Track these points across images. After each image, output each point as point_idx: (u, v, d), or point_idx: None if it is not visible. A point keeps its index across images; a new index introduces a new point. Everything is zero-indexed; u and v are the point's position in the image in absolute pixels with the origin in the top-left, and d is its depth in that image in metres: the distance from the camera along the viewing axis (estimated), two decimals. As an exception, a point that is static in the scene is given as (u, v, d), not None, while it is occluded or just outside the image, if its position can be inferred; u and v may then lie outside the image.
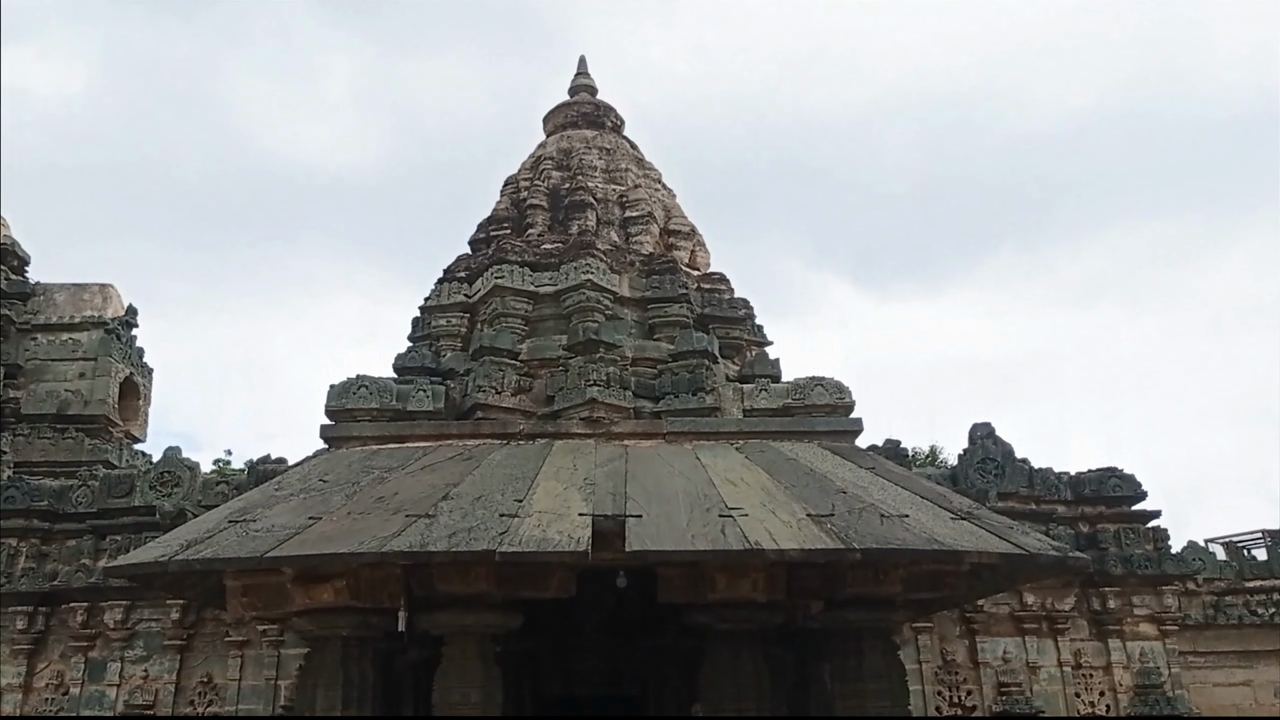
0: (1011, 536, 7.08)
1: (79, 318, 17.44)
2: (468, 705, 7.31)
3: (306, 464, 8.48)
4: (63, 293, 17.83)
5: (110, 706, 10.64)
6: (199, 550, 6.61)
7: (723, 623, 7.68)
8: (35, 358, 16.77)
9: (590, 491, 7.44)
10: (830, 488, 7.59)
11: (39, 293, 17.56)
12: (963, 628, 11.59)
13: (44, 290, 17.67)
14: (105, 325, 17.20)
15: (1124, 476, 12.33)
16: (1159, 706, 11.31)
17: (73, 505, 11.49)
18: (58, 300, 17.69)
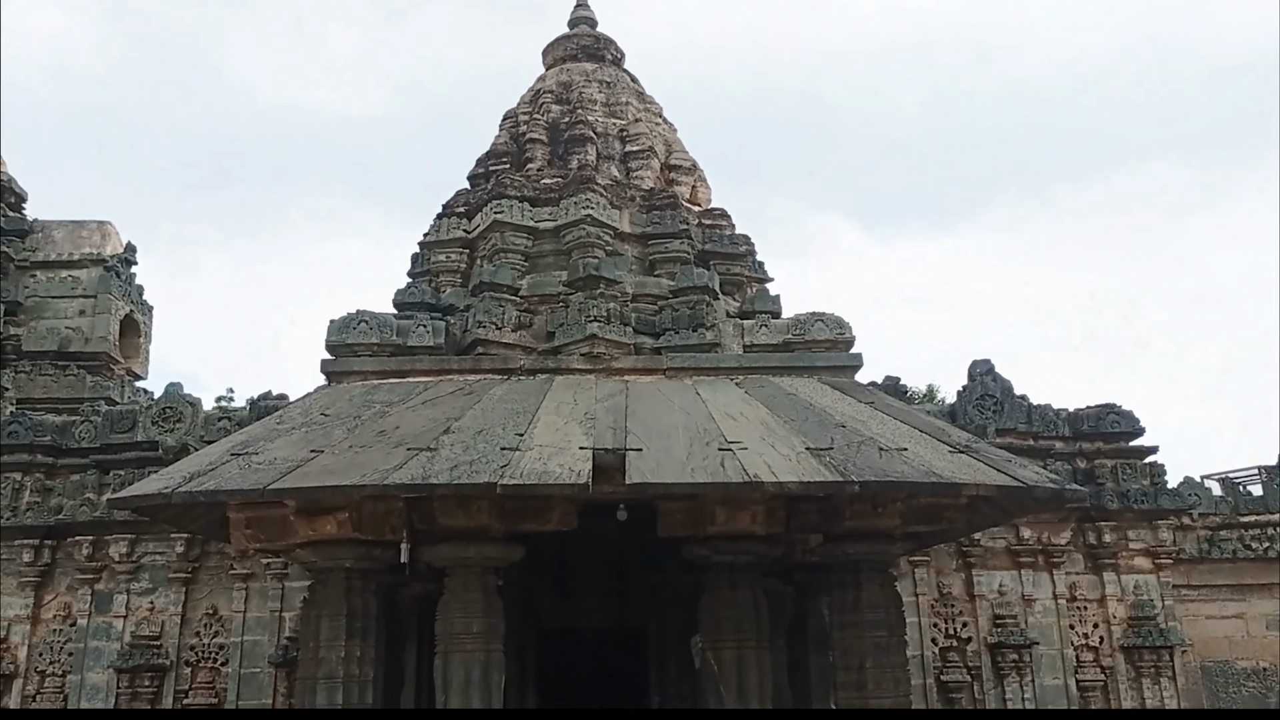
0: (1009, 469, 7.12)
1: (78, 255, 17.38)
2: (470, 636, 7.41)
3: (308, 398, 8.50)
4: (61, 230, 17.75)
5: (117, 637, 10.80)
6: (202, 482, 6.65)
7: (722, 555, 7.75)
8: (35, 295, 16.75)
9: (591, 426, 7.47)
10: (829, 422, 7.62)
11: (37, 230, 17.47)
12: (959, 561, 11.72)
13: (42, 227, 17.59)
14: (104, 263, 17.15)
15: (1122, 413, 12.38)
16: (1152, 638, 11.48)
17: (75, 440, 11.55)
18: (56, 237, 17.61)
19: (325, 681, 7.22)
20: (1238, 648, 13.14)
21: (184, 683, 10.81)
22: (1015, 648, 11.25)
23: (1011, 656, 11.25)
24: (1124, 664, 11.56)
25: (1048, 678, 11.33)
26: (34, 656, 10.97)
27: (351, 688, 7.25)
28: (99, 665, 10.73)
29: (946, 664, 11.34)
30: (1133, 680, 11.52)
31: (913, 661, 9.94)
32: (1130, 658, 11.55)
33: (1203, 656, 13.04)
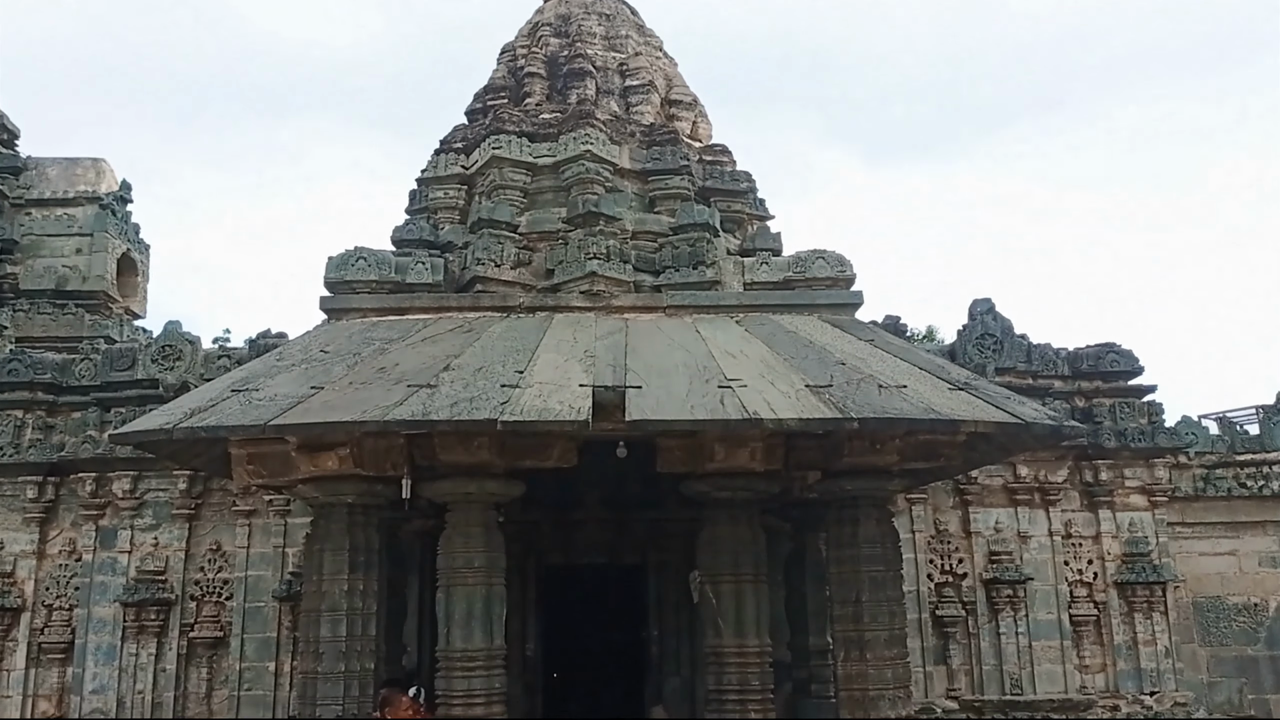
0: (1008, 406, 7.15)
1: (73, 193, 17.27)
2: (472, 570, 7.49)
3: (307, 335, 8.50)
4: (55, 167, 17.61)
5: (122, 572, 10.92)
6: (203, 418, 6.68)
7: (721, 492, 7.81)
8: (31, 233, 16.67)
9: (590, 363, 7.48)
10: (829, 359, 7.63)
11: (30, 167, 17.34)
12: (956, 499, 11.81)
13: (36, 164, 17.45)
14: (100, 200, 17.05)
15: (1122, 352, 12.40)
16: (1145, 574, 11.62)
17: (76, 378, 11.57)
18: (50, 175, 17.48)
19: (329, 614, 7.31)
20: (1229, 584, 13.29)
21: (189, 616, 10.96)
22: (1010, 583, 11.39)
23: (1006, 592, 11.40)
24: (1117, 599, 11.72)
25: (1041, 612, 11.49)
26: (41, 591, 11.10)
27: (355, 620, 7.34)
28: (105, 599, 10.86)
29: (942, 599, 11.49)
30: (1125, 615, 11.69)
31: (908, 597, 10.08)
32: (1123, 593, 11.70)
33: (1194, 593, 13.19)
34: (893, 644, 7.55)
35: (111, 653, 10.73)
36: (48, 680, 10.93)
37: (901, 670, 7.58)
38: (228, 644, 10.94)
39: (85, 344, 13.00)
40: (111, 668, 10.69)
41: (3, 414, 11.28)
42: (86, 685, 10.69)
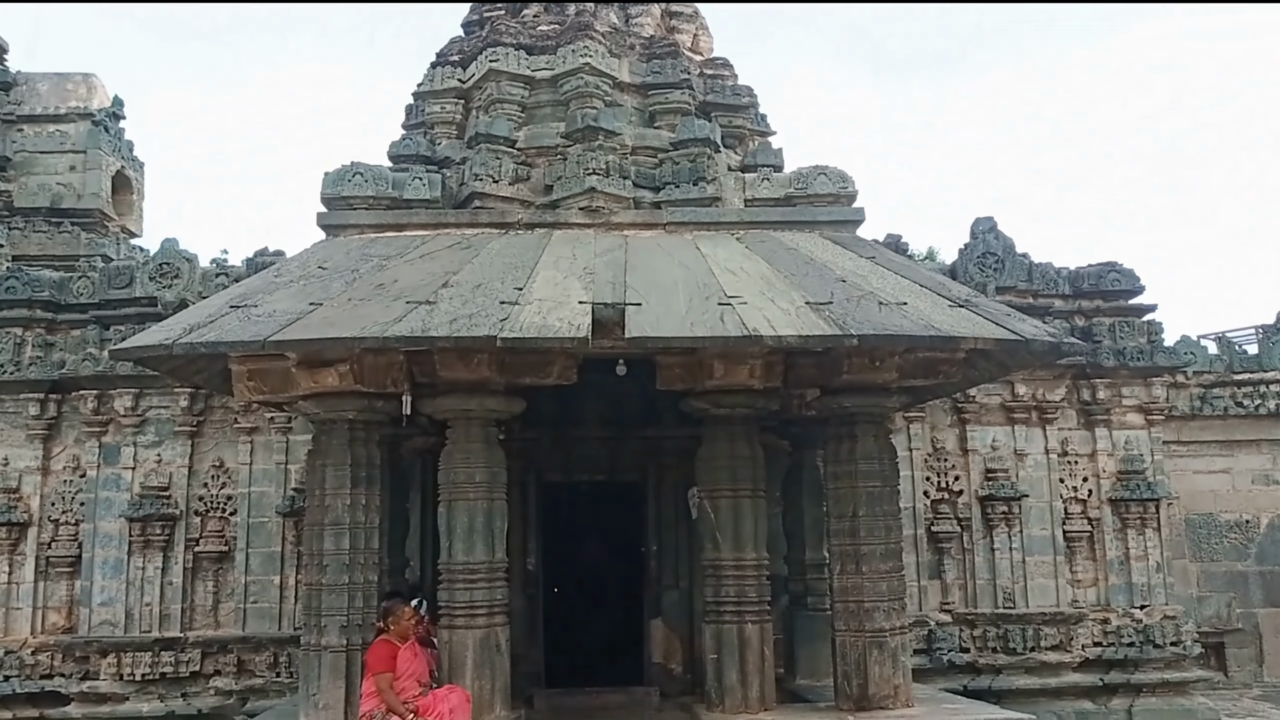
0: (1008, 323, 7.14)
1: (65, 109, 17.06)
2: (473, 485, 7.56)
3: (305, 252, 8.45)
4: (45, 83, 17.35)
5: (126, 488, 11.03)
6: (202, 334, 6.67)
7: (720, 408, 7.85)
8: (23, 150, 16.51)
9: (590, 280, 7.45)
10: (829, 276, 7.60)
11: (20, 82, 17.10)
12: (954, 417, 11.88)
13: (25, 80, 17.20)
14: (92, 117, 16.85)
15: (1123, 271, 12.36)
16: (1139, 491, 11.74)
17: (74, 296, 11.54)
18: (41, 90, 17.24)
19: (332, 528, 7.39)
20: (1222, 501, 13.47)
21: (194, 531, 11.10)
22: (1005, 500, 11.52)
23: (1001, 508, 11.53)
24: (1110, 516, 11.86)
25: (1035, 529, 11.64)
26: (46, 506, 11.22)
27: (358, 534, 7.43)
28: (110, 515, 10.98)
29: (937, 515, 11.63)
30: (1118, 531, 11.84)
31: (905, 513, 10.17)
32: (1117, 510, 11.84)
33: (1187, 510, 13.38)
34: (888, 558, 7.65)
35: (118, 566, 10.89)
36: (56, 593, 11.11)
37: (896, 583, 7.69)
38: (233, 558, 11.09)
39: (82, 262, 12.96)
40: (119, 581, 10.86)
41: (2, 331, 11.27)
42: (95, 598, 10.87)
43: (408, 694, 7.01)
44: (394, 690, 6.95)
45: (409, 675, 7.13)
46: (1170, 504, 12.55)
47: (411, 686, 7.08)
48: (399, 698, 6.91)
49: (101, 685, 10.54)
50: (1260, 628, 13.29)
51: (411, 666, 7.19)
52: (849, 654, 7.52)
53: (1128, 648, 11.35)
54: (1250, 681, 13.19)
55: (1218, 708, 11.42)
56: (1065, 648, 11.28)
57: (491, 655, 7.41)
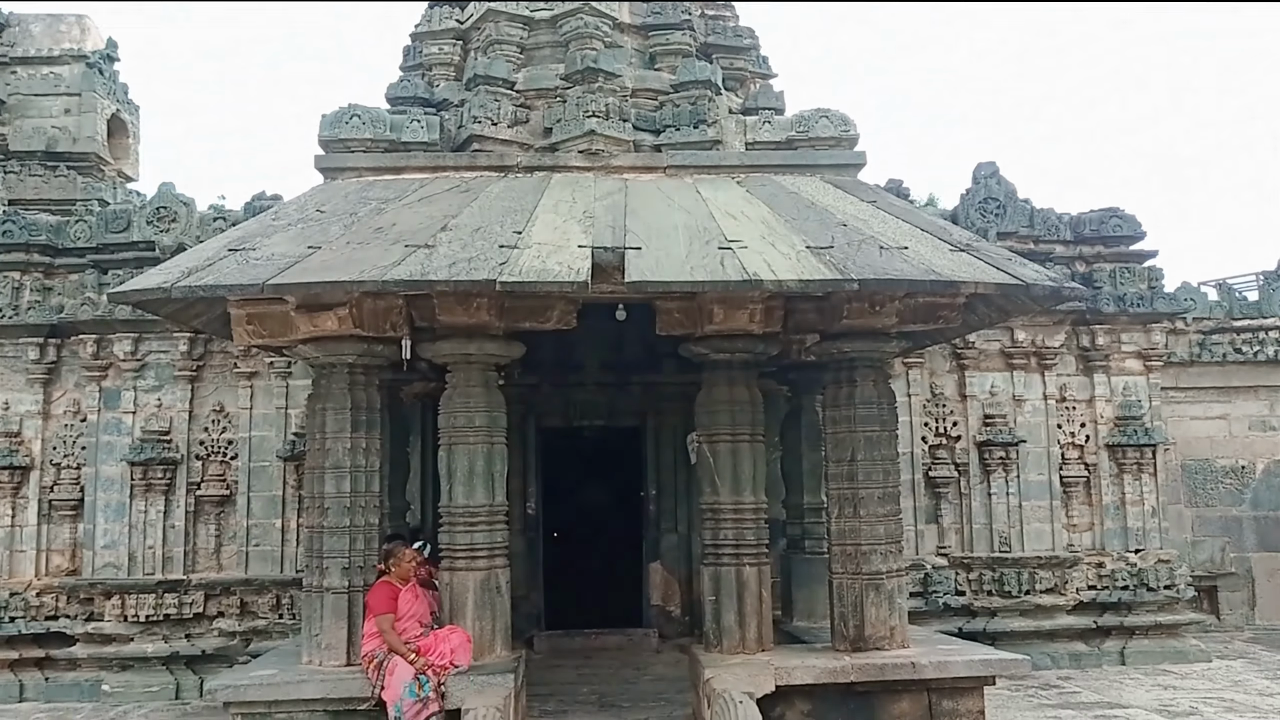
0: (1009, 267, 7.12)
1: (58, 50, 16.83)
2: (473, 429, 7.58)
3: (303, 196, 8.39)
4: (38, 24, 17.11)
5: (127, 432, 11.05)
6: (200, 277, 6.65)
7: (719, 353, 7.85)
8: (17, 92, 16.32)
9: (589, 224, 7.41)
10: (830, 220, 7.56)
11: (13, 24, 16.86)
12: (953, 363, 11.90)
13: (18, 21, 16.96)
14: (86, 59, 16.63)
15: (1124, 216, 12.31)
16: (1136, 437, 11.79)
17: (71, 240, 11.48)
18: (34, 32, 17.01)
19: (333, 471, 7.43)
20: (1219, 447, 13.52)
21: (195, 475, 11.15)
22: (1003, 445, 11.58)
23: (999, 454, 11.59)
24: (1107, 461, 11.93)
25: (1032, 474, 11.71)
26: (48, 450, 11.26)
27: (359, 477, 7.46)
28: (112, 459, 11.03)
29: (935, 461, 11.70)
30: (1115, 476, 11.92)
31: (902, 458, 10.25)
32: (1114, 455, 11.90)
33: (1184, 455, 13.44)
34: (886, 501, 7.69)
35: (121, 510, 10.96)
36: (60, 536, 11.19)
37: (893, 526, 7.75)
38: (234, 502, 11.16)
39: (79, 206, 12.88)
40: (121, 524, 10.94)
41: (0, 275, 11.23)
42: (98, 541, 10.96)
43: (409, 635, 7.09)
44: (395, 631, 7.03)
45: (410, 616, 7.21)
46: (1167, 450, 12.62)
47: (413, 627, 7.17)
48: (400, 638, 7.00)
49: (106, 626, 10.66)
50: (1253, 572, 13.42)
51: (413, 608, 7.27)
52: (846, 596, 7.60)
53: (1122, 591, 11.48)
54: (1242, 624, 13.34)
55: (1209, 649, 11.58)
56: (1060, 591, 11.41)
57: (492, 597, 7.49)
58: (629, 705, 8.41)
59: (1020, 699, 9.64)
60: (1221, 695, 9.71)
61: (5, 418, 11.20)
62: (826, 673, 7.13)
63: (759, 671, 7.01)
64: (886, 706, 7.24)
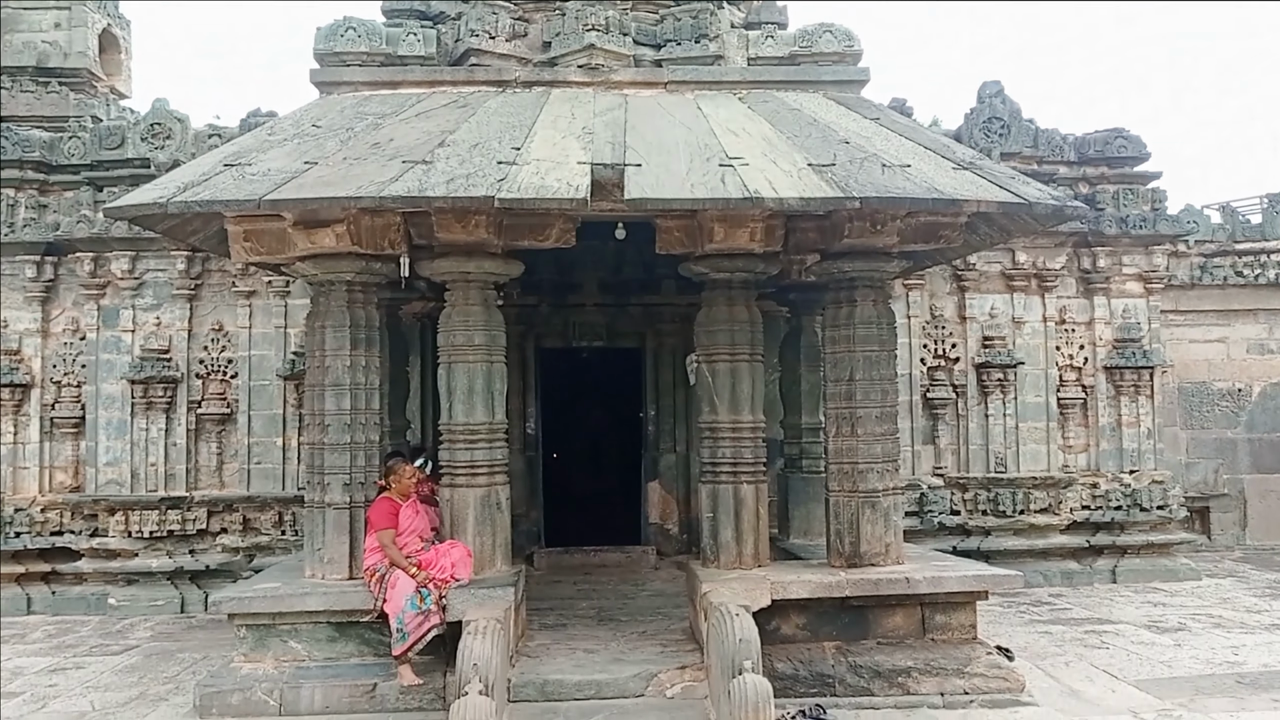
0: (1012, 186, 7.05)
1: (46, -38, 16.46)
2: (472, 348, 7.57)
3: (299, 111, 8.25)
4: (25, -65, 16.71)
5: (127, 350, 11.07)
6: (196, 192, 6.58)
7: (719, 273, 7.80)
8: (7, 5, 16.00)
9: (589, 140, 7.31)
10: (833, 138, 7.46)
11: (-1, -64, 16.45)
12: (953, 285, 11.88)
13: (4, -67, 16.55)
14: (75, -29, 16.26)
15: (1130, 137, 12.19)
16: (1134, 359, 11.82)
17: (65, 157, 11.37)
18: (21, -57, 16.61)
19: (333, 388, 7.44)
20: (1216, 370, 13.57)
21: (196, 394, 11.20)
22: (1001, 367, 11.61)
23: (997, 375, 11.63)
24: (1105, 383, 11.98)
25: (1030, 395, 11.76)
26: (48, 368, 11.28)
27: (358, 394, 7.47)
28: (112, 376, 11.06)
29: (933, 382, 11.74)
30: (1111, 398, 11.98)
31: (901, 380, 10.29)
32: (1111, 377, 11.94)
33: (1181, 378, 13.50)
34: (884, 420, 7.73)
35: (122, 427, 11.02)
36: (62, 453, 11.27)
37: (890, 446, 7.79)
38: (235, 420, 11.23)
39: (72, 122, 12.68)
40: (123, 441, 11.01)
41: (-6, 192, 11.15)
42: (100, 458, 11.04)
43: (410, 549, 7.17)
44: (396, 545, 7.11)
45: (411, 531, 7.29)
46: (1165, 372, 12.66)
47: (413, 542, 7.24)
48: (401, 552, 7.08)
49: (111, 542, 10.80)
50: (1245, 493, 13.57)
51: (413, 523, 7.34)
52: (842, 513, 7.67)
53: (1115, 511, 11.62)
54: (1233, 544, 13.54)
55: (1200, 568, 11.75)
56: (1054, 511, 11.54)
57: (492, 512, 7.56)
58: (627, 619, 8.55)
59: (1012, 614, 9.81)
60: (1210, 611, 9.88)
61: (4, 335, 11.20)
62: (822, 587, 7.23)
63: (755, 586, 7.11)
64: (880, 620, 7.36)
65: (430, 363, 9.68)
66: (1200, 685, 7.40)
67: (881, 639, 7.34)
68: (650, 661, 7.12)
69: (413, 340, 10.77)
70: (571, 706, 6.61)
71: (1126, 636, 8.90)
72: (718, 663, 6.32)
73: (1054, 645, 8.62)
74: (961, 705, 6.92)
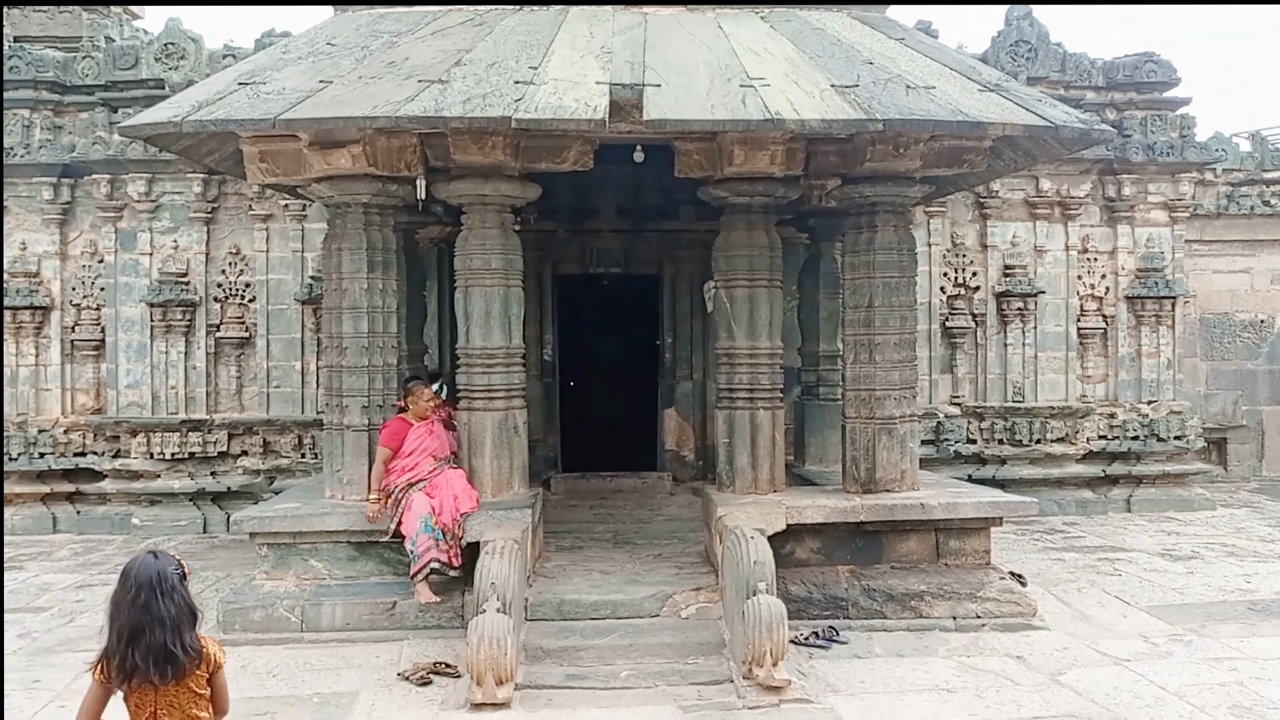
0: (1038, 108, 6.91)
1: (55, -123, 16.17)
2: (489, 272, 7.53)
3: (313, 29, 8.11)
4: None
5: (145, 273, 11.10)
6: (212, 111, 6.52)
7: (739, 196, 7.72)
8: (16, -77, 15.76)
9: (608, 60, 7.18)
10: (856, 58, 7.31)
11: None
12: (975, 212, 11.75)
13: None
14: (84, -115, 15.96)
15: (1160, 62, 11.94)
16: (1157, 288, 11.71)
17: (79, 77, 11.28)
18: None
19: (350, 311, 7.45)
20: (1239, 301, 13.44)
21: (214, 317, 11.23)
22: (1021, 296, 11.52)
23: (1017, 304, 11.55)
24: (1126, 313, 11.88)
25: (1050, 325, 11.69)
26: (67, 290, 11.32)
27: (376, 317, 7.48)
28: (131, 300, 11.10)
29: (953, 311, 11.67)
30: (1132, 328, 11.89)
31: (920, 308, 10.17)
32: (1133, 307, 11.85)
33: (1203, 309, 13.38)
34: (901, 348, 7.69)
35: (142, 350, 11.09)
36: (83, 375, 11.36)
37: (908, 373, 7.77)
38: (254, 344, 11.28)
39: (86, 42, 12.56)
40: (143, 364, 11.08)
41: (9, 113, 11.08)
42: (121, 380, 11.13)
43: (420, 470, 7.13)
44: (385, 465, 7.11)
45: (422, 451, 7.21)
46: (1187, 302, 12.55)
47: (426, 462, 7.18)
48: (412, 473, 7.07)
49: (133, 463, 10.93)
50: (1264, 424, 13.52)
51: (424, 443, 7.25)
52: (858, 440, 7.68)
53: (1132, 441, 11.60)
54: (1249, 475, 13.53)
55: (1214, 498, 11.76)
56: (1070, 440, 11.54)
57: (509, 436, 7.59)
58: (643, 543, 8.63)
59: (1025, 542, 9.86)
60: (1223, 540, 9.91)
61: (23, 258, 11.22)
62: (837, 512, 7.27)
63: (770, 510, 7.15)
64: (894, 545, 7.40)
65: (447, 288, 9.67)
66: (1211, 611, 7.45)
67: (895, 563, 7.40)
68: (666, 583, 7.20)
69: (430, 266, 10.74)
70: (588, 625, 6.70)
71: (1139, 564, 8.95)
72: (732, 584, 6.38)
73: (1067, 572, 8.67)
74: (973, 628, 6.99)
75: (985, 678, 6.09)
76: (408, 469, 7.17)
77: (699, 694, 5.86)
